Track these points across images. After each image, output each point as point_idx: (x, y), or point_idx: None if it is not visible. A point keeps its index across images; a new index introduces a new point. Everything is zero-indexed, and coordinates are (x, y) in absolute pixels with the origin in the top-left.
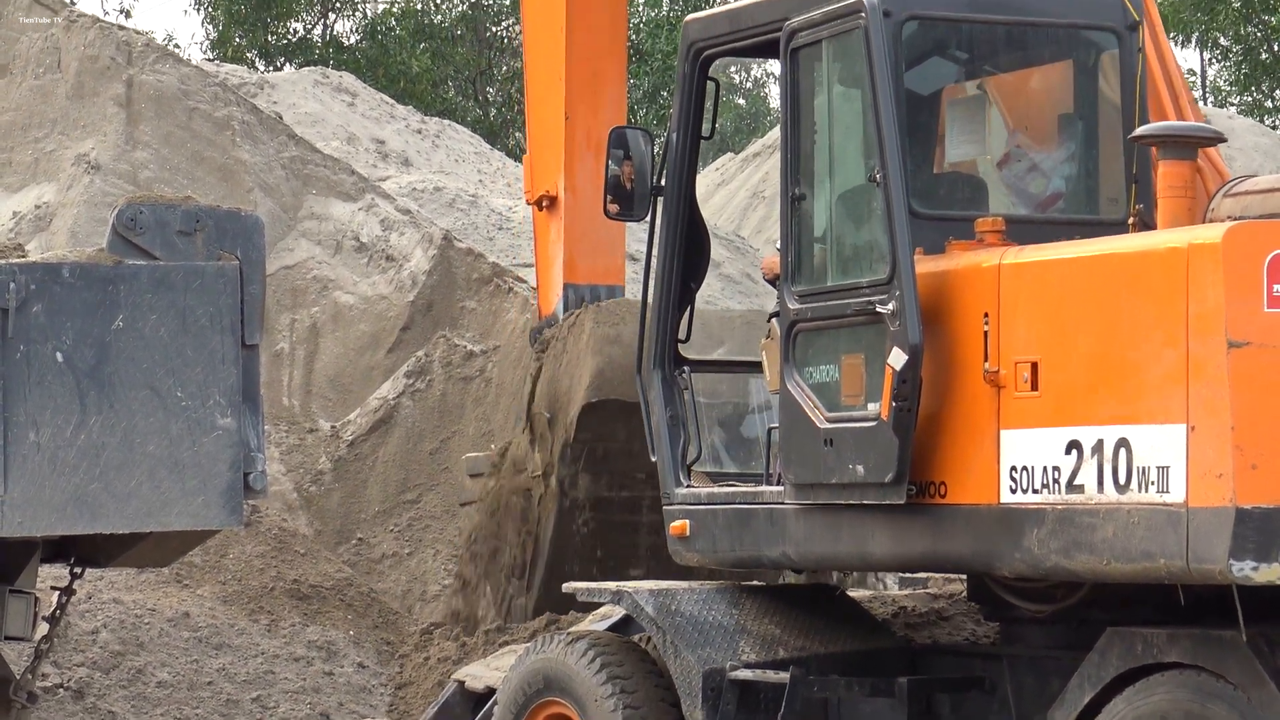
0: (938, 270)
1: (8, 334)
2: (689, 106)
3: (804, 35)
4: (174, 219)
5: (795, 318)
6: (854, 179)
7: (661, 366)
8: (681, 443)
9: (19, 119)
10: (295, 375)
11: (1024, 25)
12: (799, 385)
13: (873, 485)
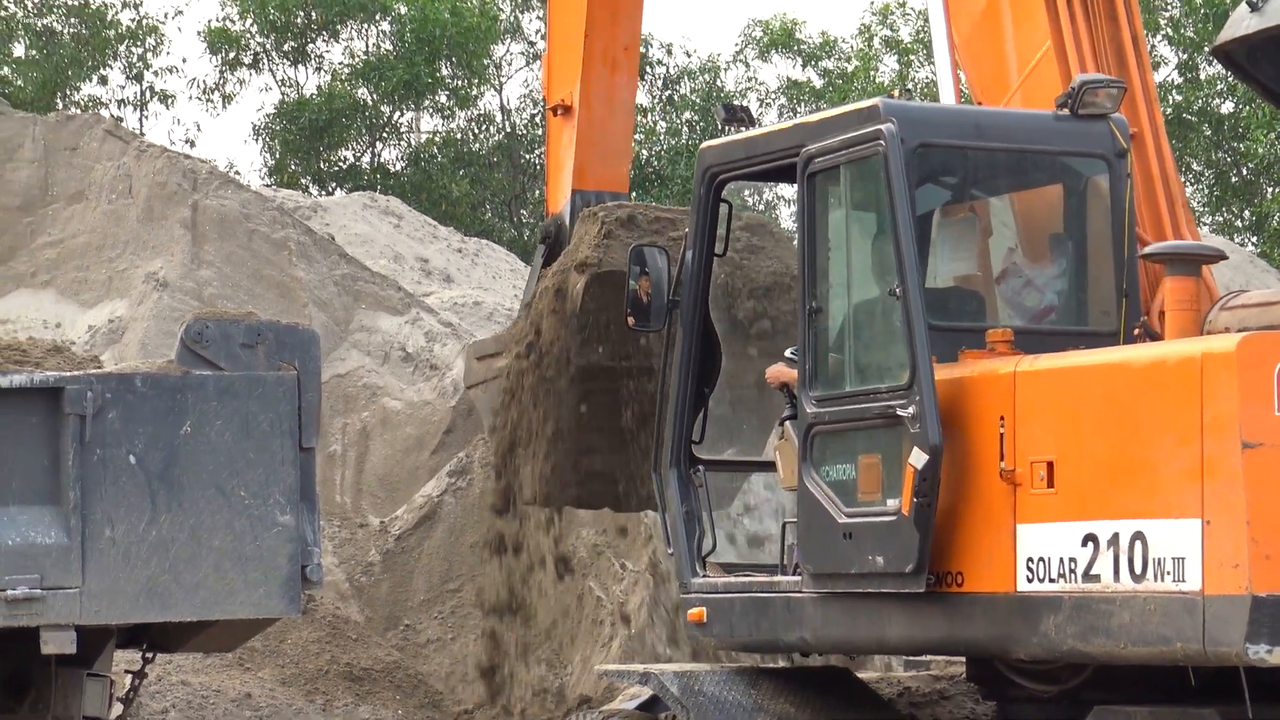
0: (954, 377)
1: (85, 439)
2: (703, 226)
3: (821, 160)
4: (237, 333)
5: (813, 420)
6: (869, 293)
7: (678, 465)
8: (697, 536)
9: (94, 240)
10: (347, 475)
11: (1020, 152)
12: (817, 483)
13: (893, 575)
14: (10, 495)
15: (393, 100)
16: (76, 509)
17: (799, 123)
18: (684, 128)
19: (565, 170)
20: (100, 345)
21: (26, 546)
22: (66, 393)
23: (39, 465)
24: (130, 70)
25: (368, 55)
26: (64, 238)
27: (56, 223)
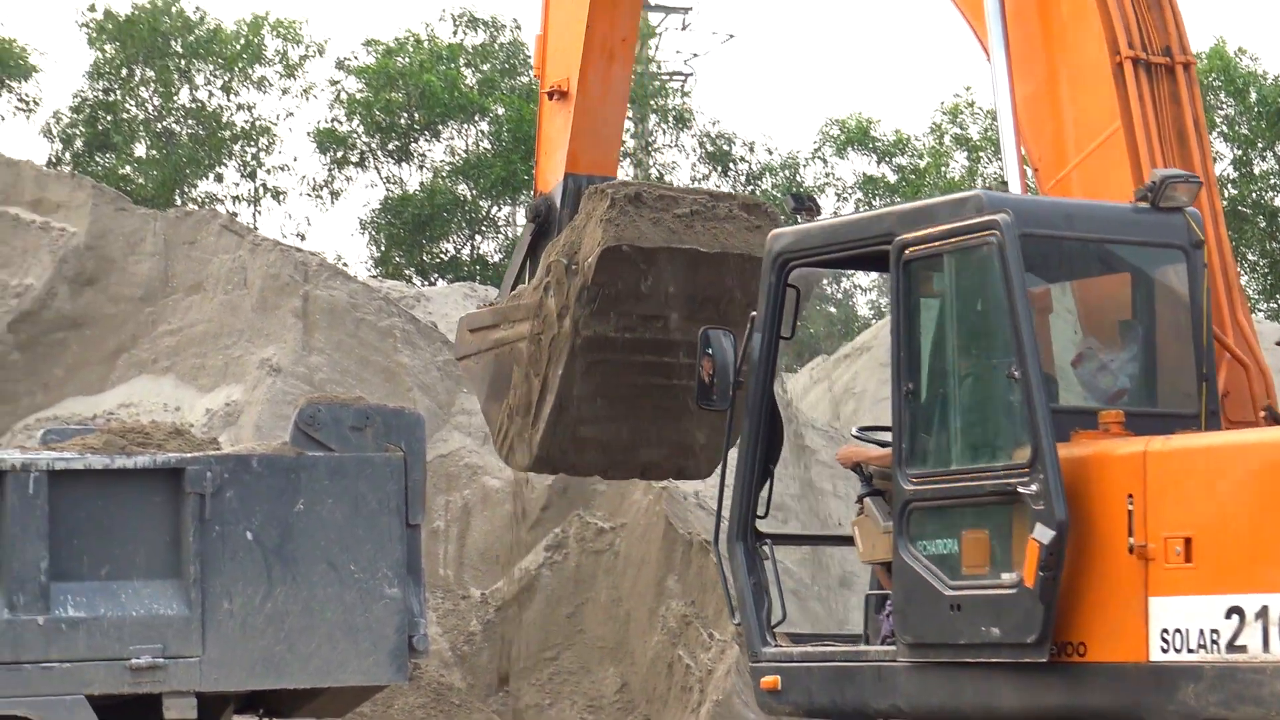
0: (1074, 456)
1: (205, 516)
2: (772, 309)
3: (919, 248)
4: (347, 416)
5: (911, 497)
6: (976, 375)
7: (743, 539)
8: (765, 607)
9: (211, 329)
10: (450, 549)
11: (1104, 241)
12: (915, 557)
13: (1012, 645)
14: (135, 569)
15: (490, 195)
16: (197, 582)
17: (886, 212)
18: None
19: (558, 153)
20: (218, 428)
21: (150, 618)
22: (187, 473)
23: (162, 541)
24: (244, 168)
25: (467, 153)
26: (183, 326)
27: (176, 312)
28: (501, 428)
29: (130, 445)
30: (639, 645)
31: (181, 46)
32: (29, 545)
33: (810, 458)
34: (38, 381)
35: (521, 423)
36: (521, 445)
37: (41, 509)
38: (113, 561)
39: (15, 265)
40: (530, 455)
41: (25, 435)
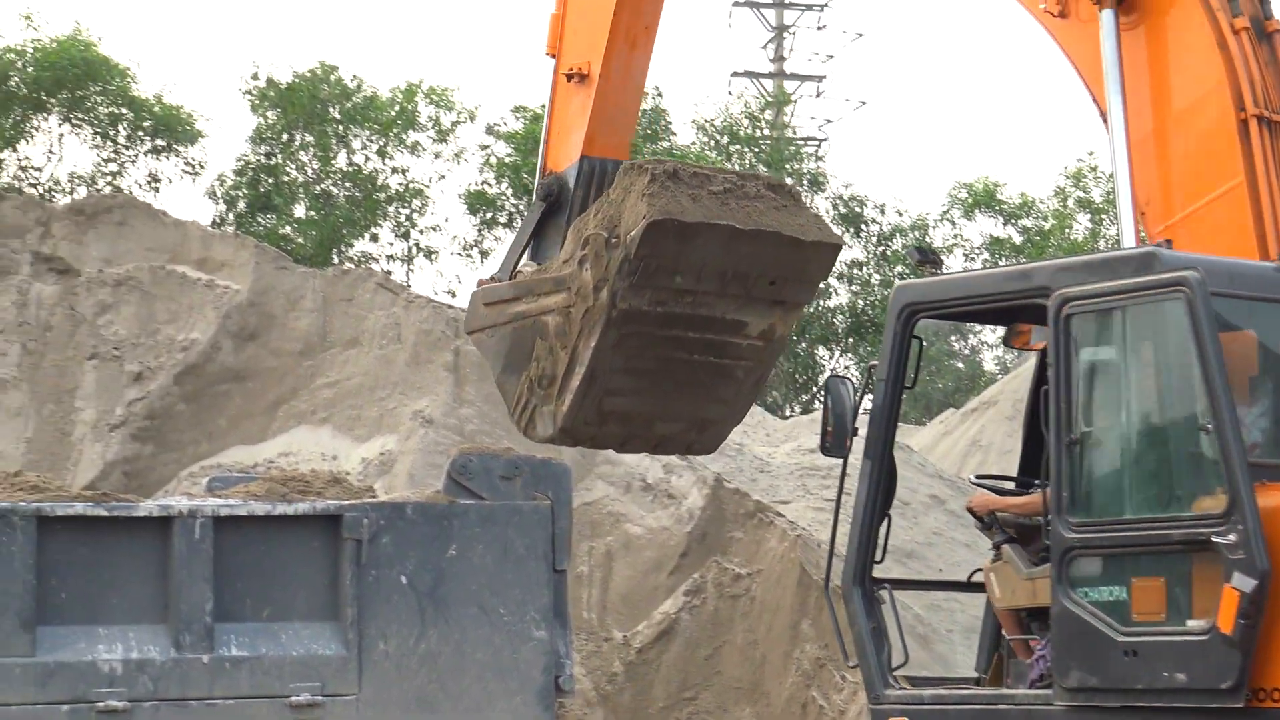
0: (1268, 506)
1: (362, 560)
2: (896, 360)
3: (1085, 303)
4: (498, 466)
5: (1074, 544)
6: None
7: (861, 583)
8: (885, 650)
9: (367, 382)
10: (593, 593)
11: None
12: (1078, 603)
13: (1201, 691)
14: (295, 611)
15: None
16: (354, 624)
17: (1037, 267)
18: (896, 280)
19: (574, 134)
20: (373, 476)
21: (309, 657)
22: (345, 519)
23: (321, 584)
24: (398, 229)
25: None
26: (340, 379)
27: (334, 366)
28: (521, 399)
29: (291, 493)
30: (774, 686)
31: (339, 113)
32: (195, 588)
33: (939, 507)
34: (203, 431)
35: (544, 394)
36: (544, 417)
37: (207, 553)
38: (274, 603)
39: (182, 321)
40: (554, 427)
41: (191, 482)
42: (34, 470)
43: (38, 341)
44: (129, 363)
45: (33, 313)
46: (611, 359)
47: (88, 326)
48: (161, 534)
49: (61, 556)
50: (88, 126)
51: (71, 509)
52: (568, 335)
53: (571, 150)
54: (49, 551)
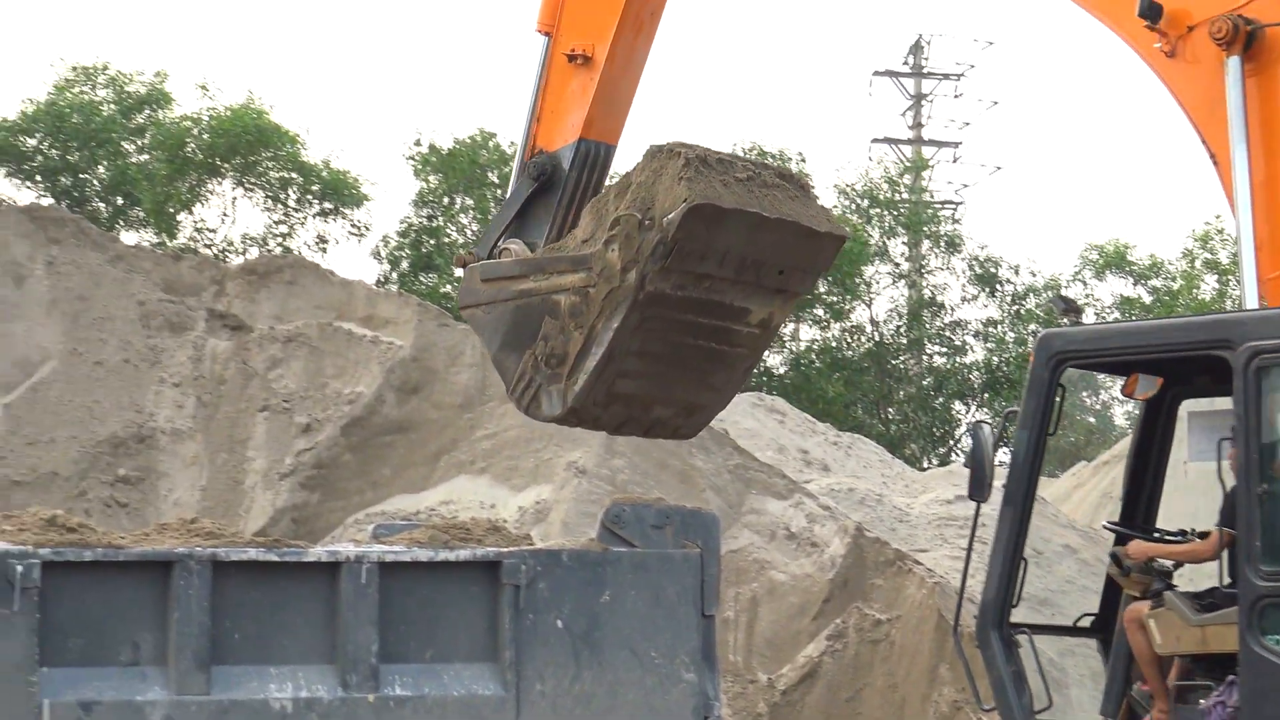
0: None
1: (519, 605)
2: (1041, 407)
3: (1276, 356)
4: (649, 515)
5: (1263, 593)
6: None
7: (998, 628)
8: (1026, 694)
9: (523, 434)
10: (739, 637)
11: None
12: (1270, 651)
13: None
14: (456, 653)
15: None
16: (512, 665)
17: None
18: (1029, 338)
19: (571, 115)
20: (528, 524)
21: (469, 697)
22: (504, 566)
23: (480, 627)
24: None
25: None
26: (498, 431)
27: (492, 419)
28: (524, 377)
29: (452, 540)
30: None
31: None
32: (361, 630)
33: (1071, 556)
34: (367, 480)
35: (551, 374)
36: (550, 396)
37: (373, 597)
38: (436, 645)
39: (348, 375)
40: (563, 406)
41: (356, 529)
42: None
43: (212, 394)
44: (298, 415)
45: (208, 367)
46: (630, 341)
47: (259, 380)
48: (330, 579)
49: (235, 600)
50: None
51: (245, 554)
52: (584, 315)
53: (567, 131)
54: (223, 595)
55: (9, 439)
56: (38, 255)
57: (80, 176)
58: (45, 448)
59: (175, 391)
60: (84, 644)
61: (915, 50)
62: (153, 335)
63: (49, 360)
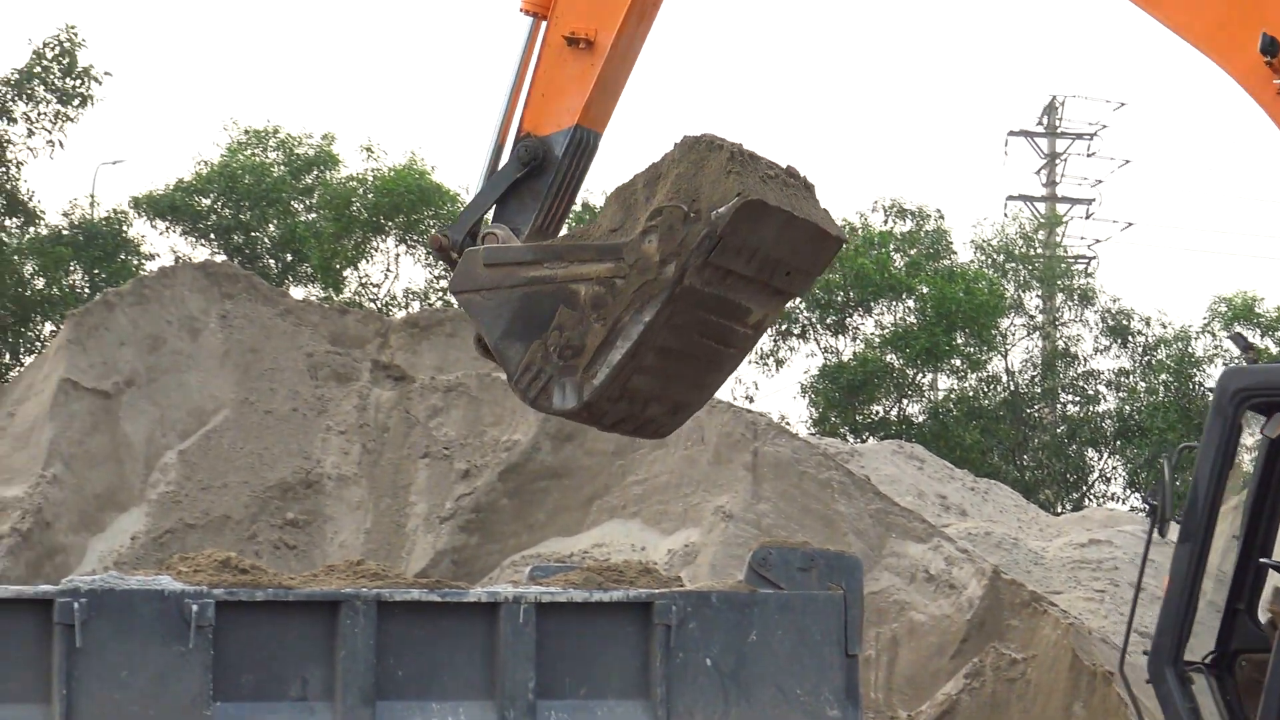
0: None
1: (670, 644)
2: (1222, 443)
3: None
4: (795, 559)
5: None
6: None
7: (1173, 664)
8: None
9: (673, 480)
10: (880, 675)
11: None
12: None
13: None
14: (609, 689)
15: (916, 364)
16: (663, 702)
17: None
18: (1160, 387)
19: (566, 100)
20: (678, 566)
21: None
22: (655, 606)
23: (633, 665)
24: None
25: (895, 326)
26: (649, 477)
27: (643, 465)
28: (531, 368)
29: (606, 581)
30: None
31: None
32: (519, 667)
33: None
34: (523, 524)
35: (565, 366)
36: (563, 389)
37: (530, 636)
38: (590, 682)
39: (506, 423)
40: (578, 400)
41: (513, 570)
42: (373, 559)
43: (376, 442)
44: (458, 461)
45: (372, 415)
46: (659, 337)
47: (421, 428)
48: (489, 618)
49: (398, 638)
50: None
51: (408, 595)
52: (608, 307)
53: (561, 116)
54: (387, 633)
55: (184, 484)
56: (212, 309)
57: (252, 234)
58: (218, 492)
59: (341, 439)
60: (255, 680)
61: (1049, 111)
62: (320, 385)
63: (222, 409)
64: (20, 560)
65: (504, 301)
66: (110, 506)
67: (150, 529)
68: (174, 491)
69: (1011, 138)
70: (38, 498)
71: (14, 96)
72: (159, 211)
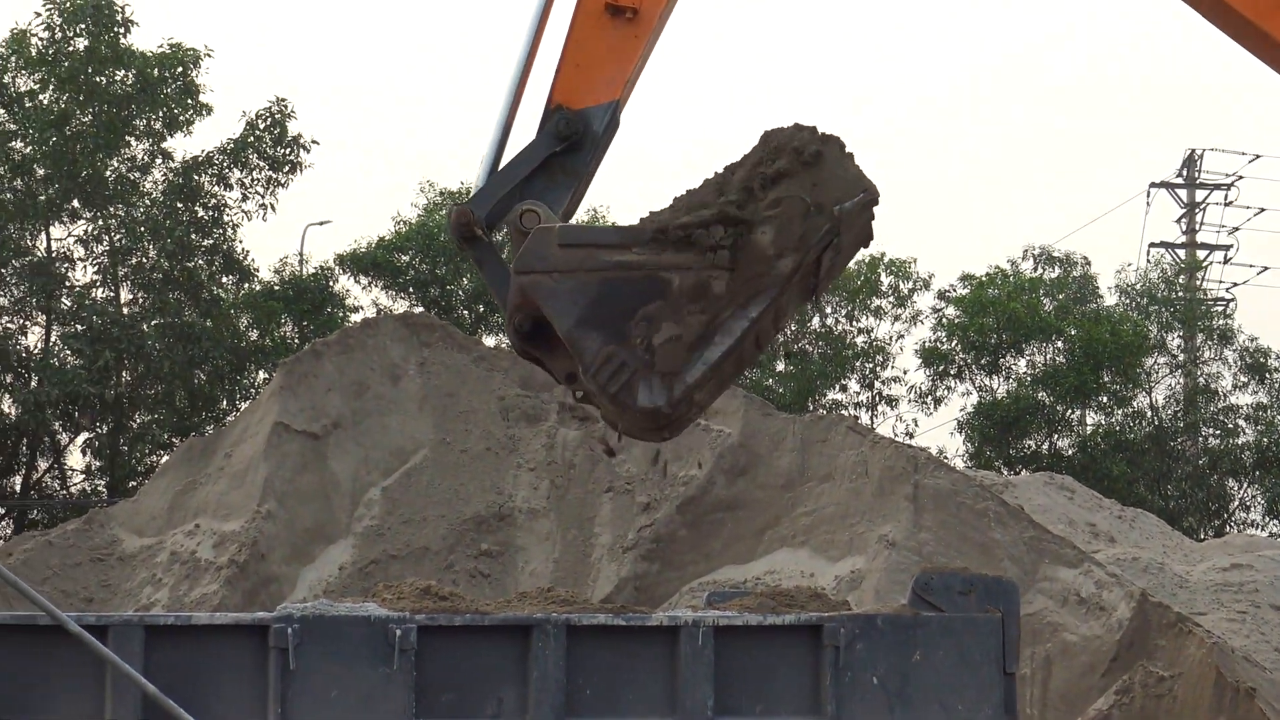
0: None
1: (839, 664)
2: None
3: None
4: (955, 583)
5: None
6: None
7: None
8: None
9: (839, 511)
10: (1034, 692)
11: None
12: None
13: None
14: (783, 707)
15: (1065, 401)
16: (833, 718)
17: None
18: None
19: (604, 71)
20: (844, 591)
21: None
22: (825, 629)
23: (804, 684)
24: (864, 380)
25: (1046, 366)
26: (816, 509)
27: (810, 497)
28: (614, 360)
29: (778, 606)
30: None
31: None
32: (699, 686)
33: None
34: (700, 553)
35: (652, 360)
36: (650, 386)
37: (709, 657)
38: (765, 700)
39: (683, 460)
40: (667, 398)
41: (690, 596)
42: (561, 586)
43: (563, 477)
44: (639, 495)
45: (559, 453)
46: (763, 335)
47: (604, 465)
48: (670, 641)
49: (586, 659)
50: None
51: (595, 619)
52: (708, 300)
53: (599, 89)
54: (575, 655)
55: (387, 518)
56: (411, 357)
57: (447, 288)
58: (418, 526)
59: (531, 475)
60: (454, 699)
61: (1189, 164)
62: (511, 426)
63: (421, 449)
64: (237, 590)
65: (581, 286)
66: (319, 539)
67: (356, 560)
68: (378, 525)
69: (1154, 189)
70: (253, 531)
71: (230, 164)
72: (362, 268)
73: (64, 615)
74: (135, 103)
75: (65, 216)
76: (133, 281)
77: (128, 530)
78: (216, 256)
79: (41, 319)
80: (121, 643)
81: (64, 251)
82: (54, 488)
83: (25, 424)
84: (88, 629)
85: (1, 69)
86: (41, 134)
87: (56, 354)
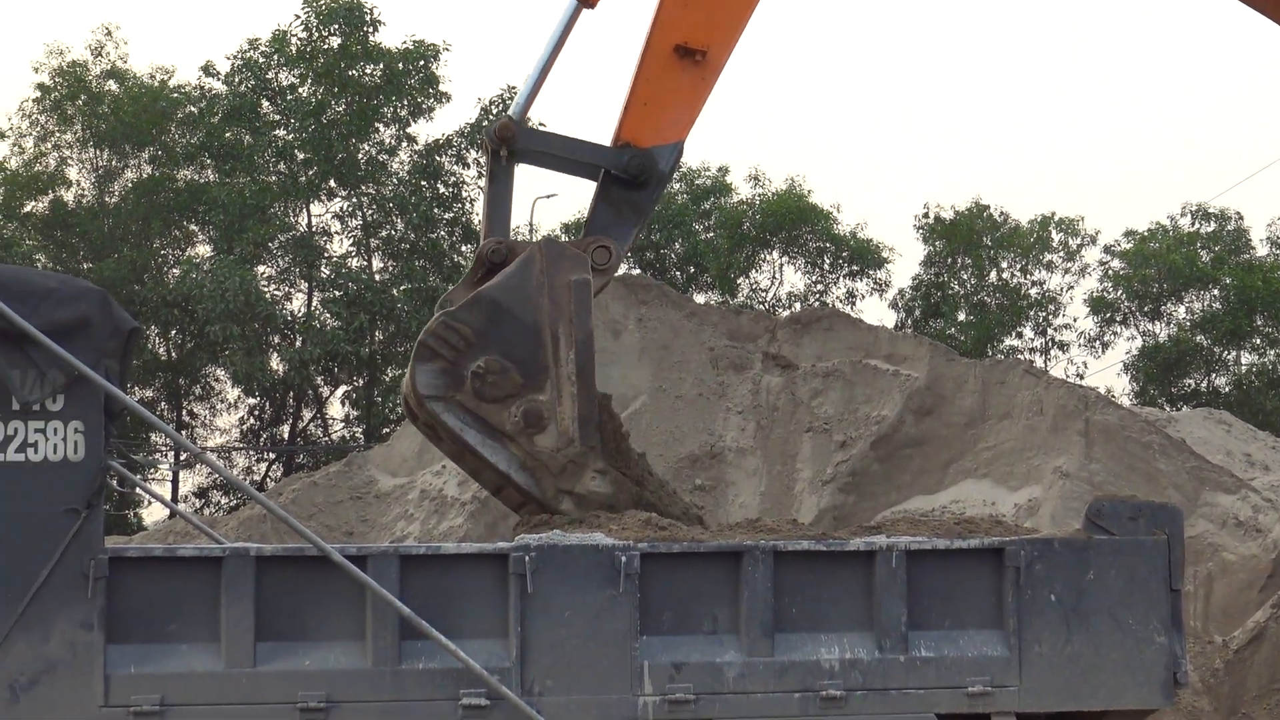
0: None
1: (1020, 583)
2: None
3: None
4: (1125, 509)
5: None
6: None
7: None
8: None
9: (1017, 445)
10: (1198, 606)
11: None
12: None
13: None
14: (969, 621)
15: (1222, 343)
16: (1015, 632)
17: None
18: None
19: (673, 112)
20: (1023, 518)
21: (981, 658)
22: (1006, 551)
23: (988, 601)
24: (1038, 328)
25: (1203, 312)
26: (996, 444)
27: (991, 434)
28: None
29: (964, 531)
30: None
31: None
32: (893, 604)
33: None
34: (891, 485)
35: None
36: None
37: (902, 578)
38: (952, 616)
39: (875, 401)
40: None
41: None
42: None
43: (767, 419)
44: (836, 434)
45: (764, 398)
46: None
47: (804, 407)
48: (867, 564)
49: (791, 581)
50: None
51: (799, 545)
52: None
53: (665, 129)
54: (782, 577)
55: None
56: (630, 314)
57: (661, 252)
58: None
59: (739, 418)
60: (674, 617)
61: None
62: (720, 374)
63: (640, 395)
64: (480, 522)
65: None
66: None
67: None
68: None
69: None
70: None
71: (467, 146)
72: None
73: (329, 547)
74: (383, 93)
75: (323, 195)
76: (383, 251)
77: (383, 471)
78: (456, 228)
79: (304, 286)
80: (379, 571)
81: (323, 226)
82: (317, 435)
83: (291, 379)
84: (349, 559)
85: (266, 66)
86: (301, 123)
87: (317, 317)
